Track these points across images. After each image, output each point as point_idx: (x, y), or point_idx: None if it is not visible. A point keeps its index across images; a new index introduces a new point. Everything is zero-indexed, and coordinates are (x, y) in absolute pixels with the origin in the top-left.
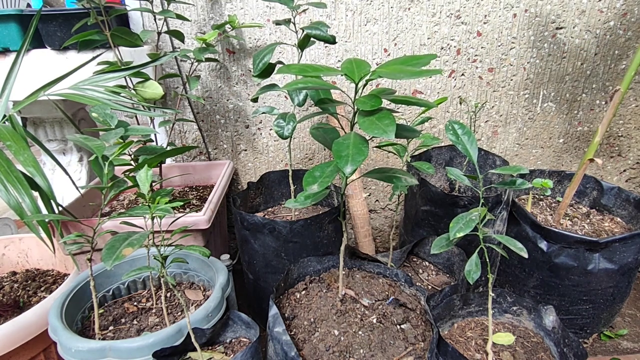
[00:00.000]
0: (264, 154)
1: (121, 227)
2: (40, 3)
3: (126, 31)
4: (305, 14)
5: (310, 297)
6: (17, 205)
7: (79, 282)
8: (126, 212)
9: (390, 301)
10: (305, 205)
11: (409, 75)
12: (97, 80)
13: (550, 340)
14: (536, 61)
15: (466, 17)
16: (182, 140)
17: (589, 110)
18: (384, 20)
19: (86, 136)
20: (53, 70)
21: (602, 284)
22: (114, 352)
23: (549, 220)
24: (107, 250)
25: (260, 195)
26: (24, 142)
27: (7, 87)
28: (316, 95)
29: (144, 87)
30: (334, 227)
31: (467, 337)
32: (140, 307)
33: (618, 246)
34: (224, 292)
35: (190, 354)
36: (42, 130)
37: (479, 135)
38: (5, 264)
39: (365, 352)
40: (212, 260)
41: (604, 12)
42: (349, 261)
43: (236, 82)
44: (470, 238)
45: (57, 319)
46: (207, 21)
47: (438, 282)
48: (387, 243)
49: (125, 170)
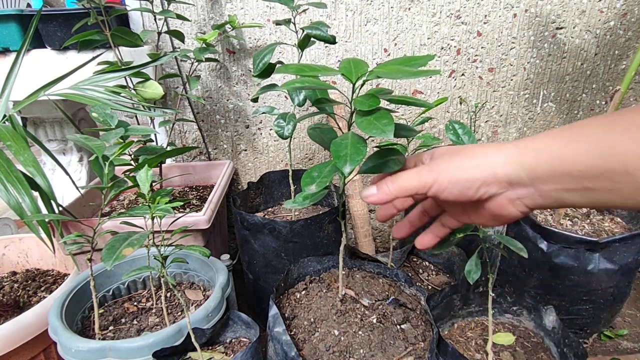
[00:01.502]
0: (264, 154)
1: (121, 227)
2: (40, 3)
3: (126, 31)
4: (305, 14)
5: (310, 297)
6: (17, 205)
7: (79, 282)
8: (126, 212)
9: (390, 301)
10: (304, 205)
11: (407, 76)
12: (97, 80)
13: (550, 340)
14: (536, 61)
15: (466, 17)
16: (182, 140)
17: (589, 111)
18: (384, 20)
19: (86, 136)
20: (53, 70)
21: (602, 284)
22: (114, 352)
23: (549, 220)
24: (107, 250)
25: (260, 195)
26: (24, 142)
27: (7, 87)
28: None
29: (144, 87)
30: (334, 227)
31: (467, 337)
32: (140, 307)
33: (618, 246)
34: (224, 292)
35: (190, 354)
36: (42, 130)
37: (479, 135)
38: (5, 264)
39: (365, 352)
40: (212, 260)
41: (604, 12)
42: (349, 261)
43: (236, 82)
44: (470, 238)
45: (57, 319)
46: (207, 21)
47: (438, 282)
48: (387, 243)
49: (125, 170)
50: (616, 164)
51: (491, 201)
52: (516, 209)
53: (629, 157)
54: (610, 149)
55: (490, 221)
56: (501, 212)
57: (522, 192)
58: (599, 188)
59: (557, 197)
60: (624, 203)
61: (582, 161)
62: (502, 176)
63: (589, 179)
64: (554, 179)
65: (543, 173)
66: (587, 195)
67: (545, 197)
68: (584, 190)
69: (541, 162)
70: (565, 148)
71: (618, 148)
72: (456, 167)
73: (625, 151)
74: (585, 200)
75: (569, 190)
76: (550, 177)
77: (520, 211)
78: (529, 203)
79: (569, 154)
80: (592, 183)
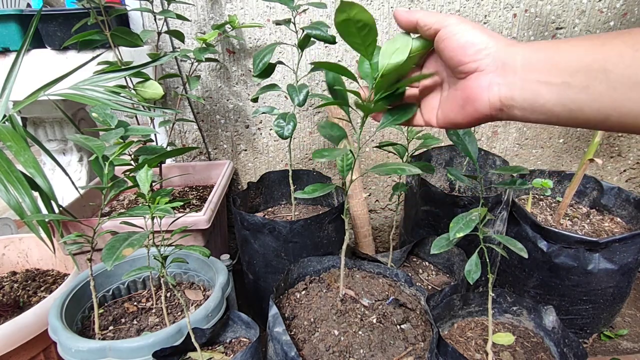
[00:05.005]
0: (264, 154)
1: (121, 227)
2: (40, 3)
3: (126, 31)
4: (305, 14)
5: (310, 297)
6: (17, 205)
7: (79, 282)
8: (126, 212)
9: (390, 301)
10: (313, 195)
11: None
12: (97, 80)
13: (550, 340)
14: None
15: (466, 17)
16: (182, 140)
17: None
18: (384, 20)
19: (86, 136)
20: (53, 70)
21: (602, 284)
22: (114, 352)
23: (549, 221)
24: (107, 250)
25: (260, 195)
26: (24, 142)
27: (7, 87)
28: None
29: (144, 87)
30: (334, 227)
31: (467, 337)
32: (140, 307)
33: (618, 246)
34: (224, 292)
35: (190, 354)
36: (42, 130)
37: (479, 135)
38: (5, 264)
39: (365, 352)
40: (212, 260)
41: (604, 12)
42: (349, 261)
43: (236, 82)
44: (470, 238)
45: (57, 319)
46: (207, 21)
47: (438, 282)
48: (387, 243)
49: (125, 170)
50: (599, 58)
51: (472, 78)
52: (488, 97)
53: (613, 54)
54: (601, 46)
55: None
56: (474, 95)
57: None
58: (575, 84)
59: (534, 90)
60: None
61: (572, 53)
62: (502, 52)
63: (571, 73)
64: (542, 68)
65: (536, 61)
66: (561, 92)
67: (524, 89)
68: (561, 85)
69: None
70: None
71: (607, 45)
72: (472, 26)
73: (611, 49)
74: (557, 97)
75: (549, 84)
76: (540, 66)
77: (491, 101)
78: (504, 92)
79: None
80: (571, 78)
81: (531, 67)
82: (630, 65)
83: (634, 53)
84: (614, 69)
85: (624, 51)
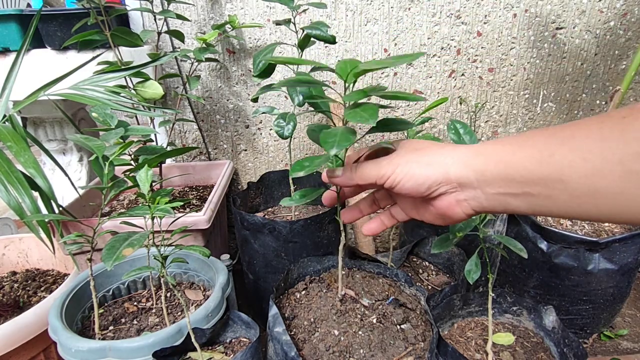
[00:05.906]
0: (264, 154)
1: (121, 227)
2: (40, 3)
3: (126, 31)
4: (305, 14)
5: (310, 297)
6: (17, 206)
7: (79, 282)
8: (126, 212)
9: (390, 301)
10: (300, 203)
11: (386, 65)
12: (97, 80)
13: (550, 340)
14: (536, 61)
15: (466, 17)
16: (182, 140)
17: (589, 111)
18: (384, 20)
19: (86, 136)
20: (53, 70)
21: (602, 284)
22: (114, 352)
23: (548, 220)
24: (107, 250)
25: (260, 195)
26: (24, 142)
27: (7, 87)
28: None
29: (144, 87)
30: (334, 227)
31: (467, 337)
32: (140, 307)
33: (618, 246)
34: (224, 292)
35: (190, 354)
36: (42, 130)
37: (479, 135)
38: (5, 264)
39: (365, 352)
40: (212, 260)
41: (604, 12)
42: (349, 261)
43: (236, 82)
44: (470, 238)
45: (57, 318)
46: (207, 21)
47: (438, 282)
48: (387, 243)
49: (125, 170)
50: (553, 171)
51: (440, 200)
52: (462, 210)
53: (565, 165)
54: (550, 157)
55: (436, 219)
56: (447, 212)
57: (469, 194)
58: (538, 194)
59: (501, 201)
60: (559, 211)
61: (525, 167)
62: (453, 176)
63: (529, 184)
64: (499, 182)
65: (490, 176)
66: (527, 201)
67: (490, 200)
68: (524, 195)
69: (489, 166)
70: (512, 154)
71: (556, 156)
72: (413, 163)
73: (562, 159)
74: (526, 205)
75: (512, 195)
76: (496, 181)
77: (466, 213)
78: (474, 205)
79: (514, 160)
80: (532, 188)
81: (487, 182)
82: (585, 175)
83: (584, 164)
84: (569, 180)
85: (573, 162)
